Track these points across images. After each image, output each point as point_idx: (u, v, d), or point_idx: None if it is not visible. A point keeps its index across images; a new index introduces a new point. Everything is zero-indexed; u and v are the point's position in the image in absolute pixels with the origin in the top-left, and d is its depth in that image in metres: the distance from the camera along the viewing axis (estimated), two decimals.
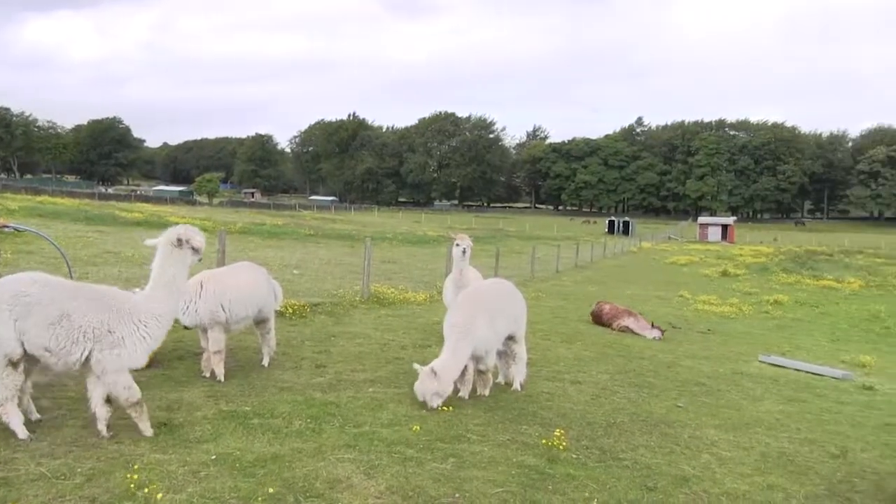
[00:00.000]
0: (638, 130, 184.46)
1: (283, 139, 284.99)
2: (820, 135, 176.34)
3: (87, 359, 6.16)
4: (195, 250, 6.71)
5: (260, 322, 9.47)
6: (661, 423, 8.44)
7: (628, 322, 16.59)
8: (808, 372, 13.20)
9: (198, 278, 8.53)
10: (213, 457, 6.05)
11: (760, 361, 13.99)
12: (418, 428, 7.21)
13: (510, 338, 9.19)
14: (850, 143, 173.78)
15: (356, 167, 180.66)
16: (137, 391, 6.38)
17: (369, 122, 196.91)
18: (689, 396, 10.05)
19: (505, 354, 9.37)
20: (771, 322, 22.35)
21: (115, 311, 6.26)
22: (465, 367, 8.57)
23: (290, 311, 13.43)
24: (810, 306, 27.15)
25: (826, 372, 13.21)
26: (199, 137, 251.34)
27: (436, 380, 7.93)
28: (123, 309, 6.32)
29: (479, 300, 8.86)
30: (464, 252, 10.58)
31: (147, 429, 6.42)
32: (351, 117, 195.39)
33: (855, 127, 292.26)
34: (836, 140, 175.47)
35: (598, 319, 17.39)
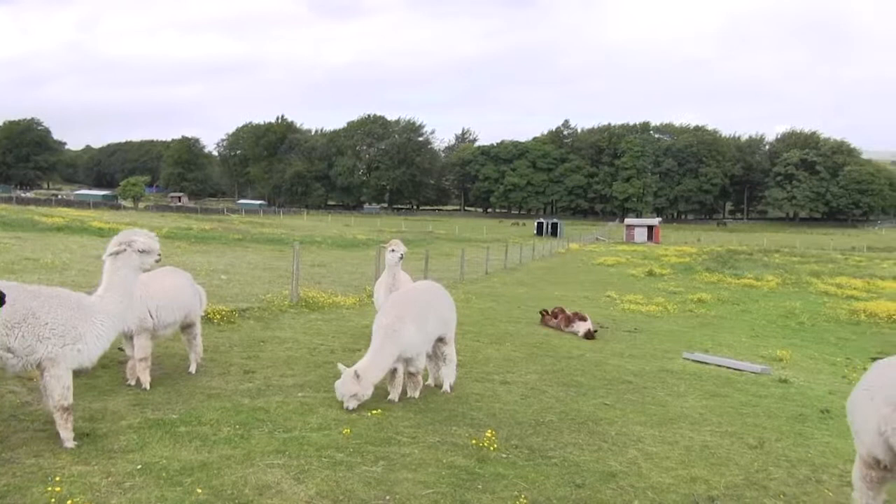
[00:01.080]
0: (565, 133, 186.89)
1: (211, 142, 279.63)
2: (739, 138, 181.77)
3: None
4: (142, 252, 6.80)
5: (186, 327, 9.30)
6: (588, 420, 8.58)
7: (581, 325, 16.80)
8: (728, 367, 13.58)
9: None
10: (139, 467, 5.92)
11: (684, 358, 14.33)
12: (348, 431, 7.18)
13: (440, 340, 9.23)
14: (766, 147, 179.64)
15: (285, 170, 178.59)
16: (71, 396, 6.32)
17: (298, 125, 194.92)
18: (616, 394, 10.23)
19: (435, 356, 9.41)
20: (695, 320, 22.91)
21: (77, 309, 6.32)
22: (395, 369, 8.58)
23: (218, 316, 13.22)
24: (732, 304, 27.93)
25: (745, 367, 13.61)
26: (123, 140, 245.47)
27: (357, 383, 7.94)
28: (83, 306, 6.39)
29: (408, 302, 8.88)
30: (401, 257, 10.62)
31: (69, 439, 6.27)
32: (279, 120, 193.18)
33: (771, 131, 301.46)
34: (755, 143, 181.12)
35: (547, 322, 17.58)
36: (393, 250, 10.60)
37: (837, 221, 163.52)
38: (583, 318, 16.90)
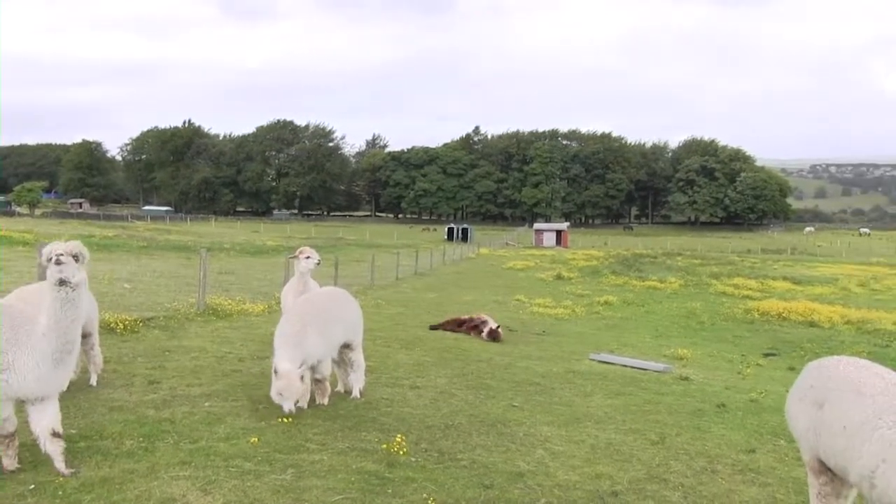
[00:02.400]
0: (476, 139, 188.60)
1: (114, 146, 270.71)
2: (644, 145, 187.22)
3: None
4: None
5: (83, 337, 9.03)
6: (497, 422, 8.72)
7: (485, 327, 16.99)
8: (633, 367, 14.00)
9: (14, 295, 8.04)
10: (31, 487, 5.70)
11: (591, 359, 14.70)
12: (256, 440, 7.12)
13: (347, 346, 9.23)
14: (669, 154, 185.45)
15: (192, 176, 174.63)
16: None
17: (205, 130, 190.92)
18: (524, 396, 10.42)
19: (343, 362, 9.41)
20: (601, 322, 23.49)
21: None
22: (302, 376, 8.53)
23: (122, 326, 12.86)
24: (637, 306, 28.75)
25: (649, 366, 14.06)
26: (17, 143, 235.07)
27: (280, 379, 7.87)
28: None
29: (311, 309, 8.86)
30: (317, 263, 10.55)
31: None
32: (186, 124, 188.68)
33: (674, 138, 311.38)
34: (658, 150, 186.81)
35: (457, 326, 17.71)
36: (308, 257, 10.52)
37: (735, 225, 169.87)
38: (483, 321, 17.11)
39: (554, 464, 7.28)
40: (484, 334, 16.48)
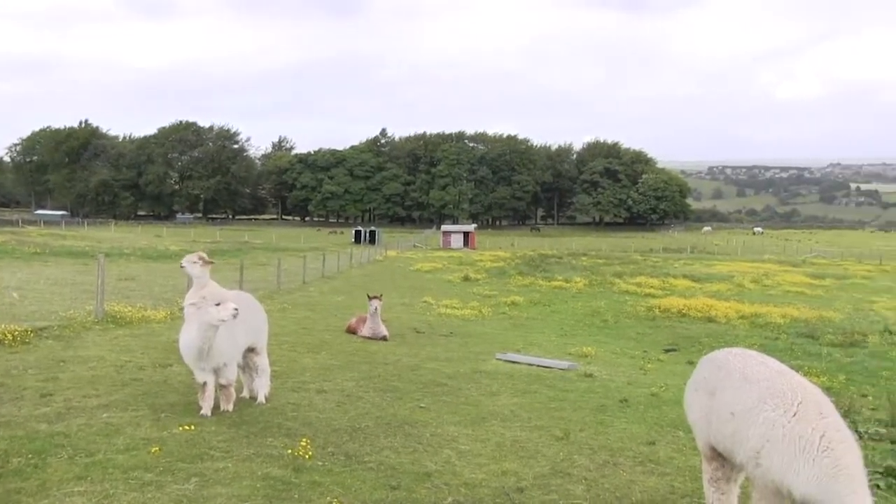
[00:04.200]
0: (383, 141, 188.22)
1: (0, 147, 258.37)
2: (550, 147, 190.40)
3: None
4: None
5: None
6: (404, 424, 8.74)
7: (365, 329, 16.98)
8: (539, 366, 14.23)
9: None
10: None
11: (497, 359, 14.87)
12: (158, 450, 6.94)
13: (251, 350, 9.10)
14: (574, 156, 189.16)
15: (89, 179, 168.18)
16: None
17: (103, 131, 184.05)
18: (431, 397, 10.46)
19: (248, 367, 9.27)
20: (508, 322, 23.79)
21: None
22: (205, 382, 8.37)
23: (10, 337, 12.30)
24: (543, 305, 29.24)
25: (554, 364, 14.31)
26: None
27: None
28: None
29: None
30: (196, 262, 10.27)
31: None
32: (83, 125, 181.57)
33: (578, 140, 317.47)
34: (564, 152, 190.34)
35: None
36: (195, 262, 10.25)
37: (637, 226, 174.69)
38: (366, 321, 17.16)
39: (461, 462, 7.36)
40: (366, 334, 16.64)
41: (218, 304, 8.10)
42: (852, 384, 16.36)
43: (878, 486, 6.96)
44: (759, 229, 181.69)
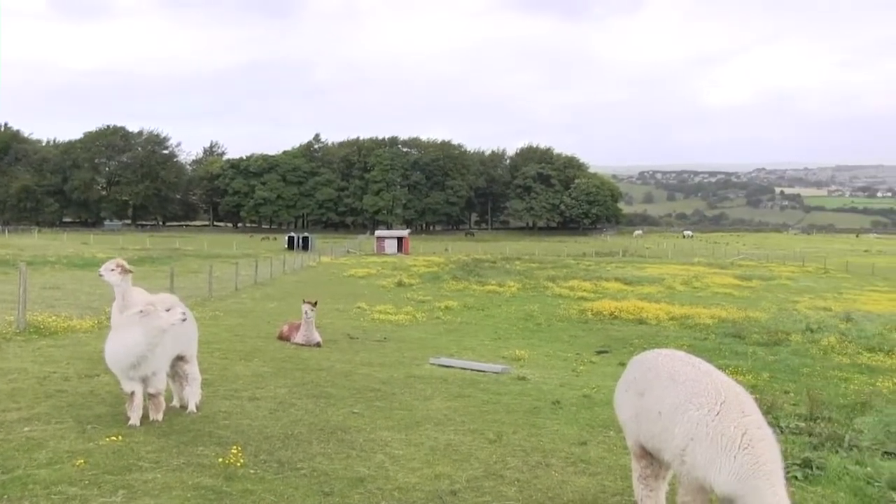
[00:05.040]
0: (316, 146, 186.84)
1: None
2: (483, 152, 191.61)
3: None
4: None
5: None
6: (338, 430, 8.71)
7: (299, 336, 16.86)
8: (472, 370, 14.30)
9: None
10: None
11: (431, 364, 14.90)
12: (83, 463, 6.77)
13: (181, 358, 8.95)
14: (507, 161, 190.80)
15: (10, 184, 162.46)
16: None
17: (25, 135, 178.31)
18: (364, 402, 10.44)
19: (177, 376, 9.12)
20: (442, 326, 23.83)
21: None
22: (133, 392, 8.21)
23: None
24: (477, 310, 29.36)
25: (488, 368, 14.41)
26: None
27: None
28: None
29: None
30: (114, 270, 10.03)
31: None
32: (2, 128, 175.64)
33: (511, 146, 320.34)
34: (497, 157, 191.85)
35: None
36: (112, 270, 10.01)
37: (570, 230, 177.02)
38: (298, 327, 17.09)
39: (394, 467, 7.37)
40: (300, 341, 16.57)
41: (168, 310, 8.02)
42: (775, 381, 16.88)
43: (795, 478, 7.23)
44: (689, 233, 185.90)
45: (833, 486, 7.62)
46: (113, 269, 9.95)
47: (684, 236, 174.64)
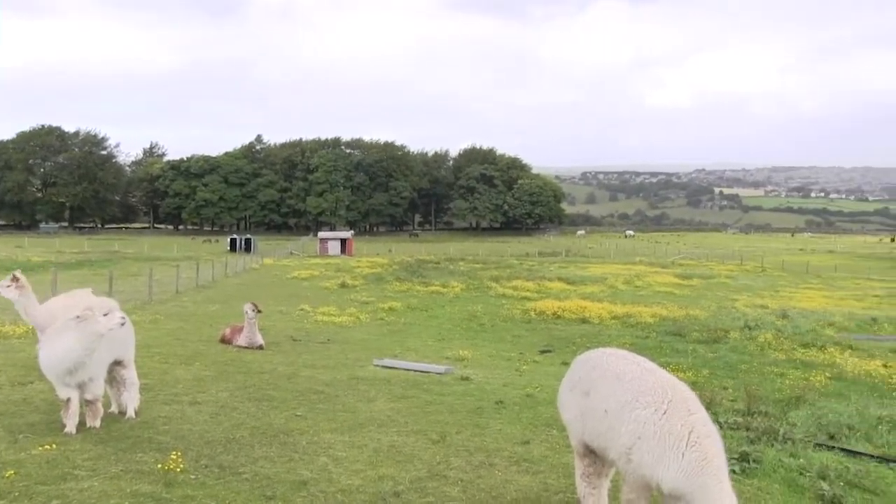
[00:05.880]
0: (258, 148, 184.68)
1: None
2: (426, 153, 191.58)
3: None
4: None
5: None
6: (280, 433, 8.63)
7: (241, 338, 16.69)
8: (416, 370, 14.31)
9: None
10: None
11: (375, 365, 14.87)
12: (13, 474, 6.58)
13: (118, 363, 8.77)
14: (451, 162, 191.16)
15: None
16: None
17: None
18: (307, 405, 10.37)
19: (115, 381, 8.93)
20: (386, 328, 23.80)
21: None
22: (70, 398, 8.01)
23: None
24: (420, 310, 29.38)
25: (431, 369, 14.43)
26: None
27: None
28: None
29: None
30: (21, 288, 9.73)
31: None
32: None
33: (455, 147, 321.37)
34: (440, 158, 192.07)
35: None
36: (8, 286, 9.74)
37: (514, 230, 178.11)
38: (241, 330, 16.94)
39: (337, 469, 7.34)
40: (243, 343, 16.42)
41: (106, 314, 7.84)
42: (715, 378, 17.26)
43: (734, 471, 7.38)
44: (631, 232, 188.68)
45: (768, 479, 7.85)
46: (8, 286, 9.65)
47: (626, 236, 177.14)
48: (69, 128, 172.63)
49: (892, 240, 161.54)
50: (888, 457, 9.58)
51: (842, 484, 7.71)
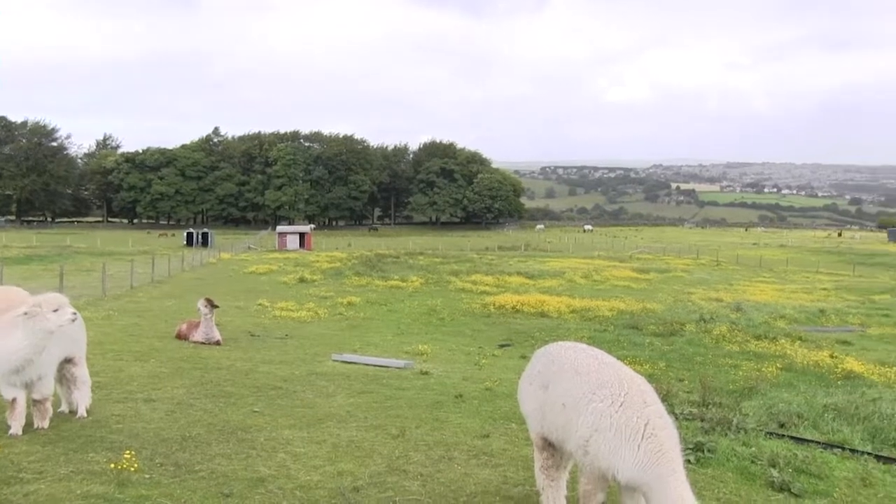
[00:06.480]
0: (215, 140, 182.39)
1: None
2: (386, 147, 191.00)
3: None
4: None
5: None
6: (238, 429, 8.52)
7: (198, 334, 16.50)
8: (375, 365, 14.27)
9: None
10: None
11: (334, 360, 14.79)
12: None
13: (69, 361, 8.56)
14: (411, 156, 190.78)
15: None
16: None
17: None
18: (266, 401, 10.26)
19: (65, 379, 8.71)
20: (345, 323, 23.69)
21: None
22: (15, 399, 7.77)
23: None
24: (380, 305, 29.30)
25: (390, 363, 14.39)
26: None
27: None
28: None
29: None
30: None
31: None
32: None
33: (415, 141, 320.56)
34: (400, 152, 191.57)
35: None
36: None
37: (473, 224, 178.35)
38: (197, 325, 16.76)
39: (295, 466, 7.26)
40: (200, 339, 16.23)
41: (56, 310, 7.60)
42: (671, 370, 17.49)
43: (689, 461, 7.47)
44: (589, 227, 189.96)
45: (722, 467, 7.99)
46: None
47: (585, 230, 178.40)
48: (16, 118, 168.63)
49: (840, 234, 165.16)
50: (833, 443, 9.95)
51: (790, 470, 7.90)
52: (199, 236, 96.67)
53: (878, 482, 8.05)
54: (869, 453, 9.43)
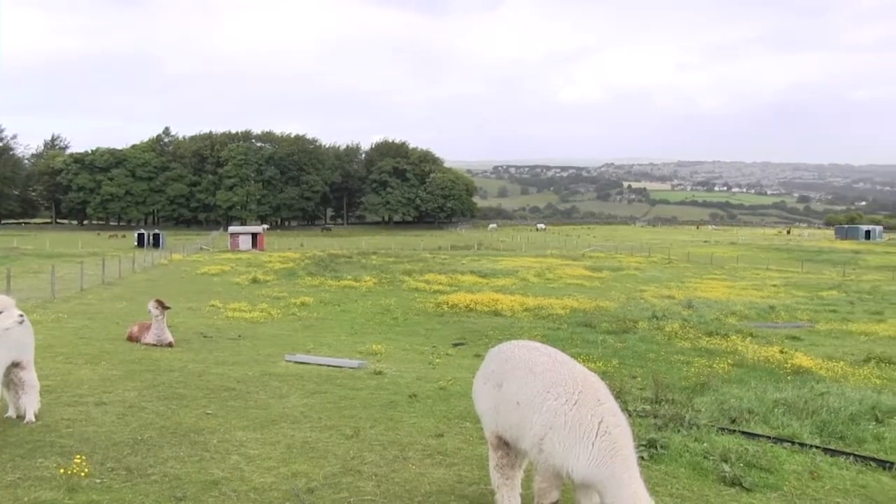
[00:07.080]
0: (166, 141, 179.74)
1: None
2: (339, 147, 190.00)
3: None
4: None
5: None
6: (190, 432, 8.46)
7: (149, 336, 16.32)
8: (328, 365, 14.24)
9: None
10: None
11: (287, 361, 14.72)
12: None
13: (16, 365, 8.41)
14: (363, 156, 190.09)
15: None
16: None
17: None
18: (218, 402, 10.19)
19: (13, 384, 8.55)
20: (298, 323, 23.59)
21: None
22: None
23: None
24: (333, 305, 29.23)
25: (344, 363, 14.37)
26: None
27: None
28: None
29: None
30: None
31: None
32: None
33: (367, 140, 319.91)
34: (352, 152, 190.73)
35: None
36: None
37: (426, 224, 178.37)
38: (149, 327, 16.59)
39: (249, 467, 7.24)
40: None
41: (1, 313, 7.45)
42: (624, 367, 17.72)
43: (642, 458, 7.60)
44: (542, 226, 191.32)
45: (675, 463, 8.12)
46: None
47: (537, 229, 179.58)
48: None
49: (789, 232, 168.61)
50: (783, 437, 10.18)
51: (742, 465, 8.05)
52: (151, 237, 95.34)
53: (825, 475, 8.25)
54: (817, 447, 9.63)
